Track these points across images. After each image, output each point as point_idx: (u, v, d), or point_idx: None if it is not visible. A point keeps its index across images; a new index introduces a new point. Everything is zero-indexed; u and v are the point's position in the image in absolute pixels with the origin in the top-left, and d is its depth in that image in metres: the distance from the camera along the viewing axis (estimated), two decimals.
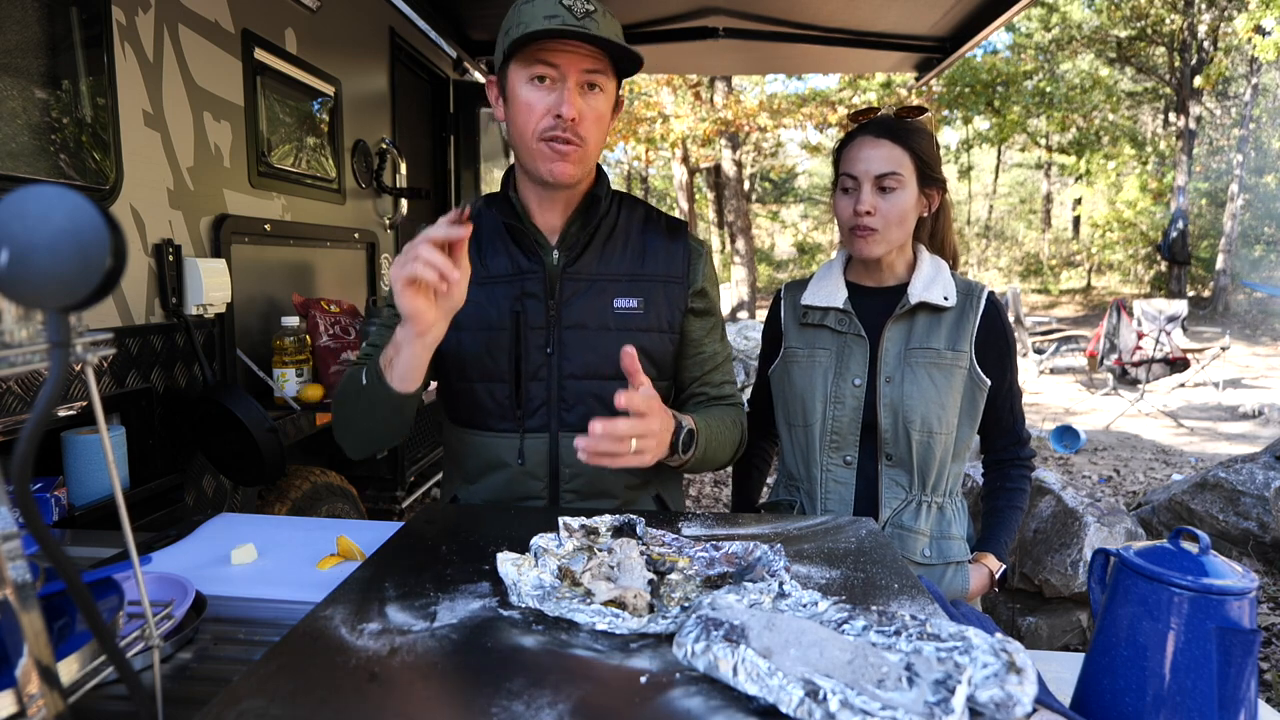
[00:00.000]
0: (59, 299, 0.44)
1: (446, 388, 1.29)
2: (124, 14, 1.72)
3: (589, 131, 1.14)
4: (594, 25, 1.08)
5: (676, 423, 1.11)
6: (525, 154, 1.16)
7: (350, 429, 1.18)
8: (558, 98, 1.10)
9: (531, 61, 1.10)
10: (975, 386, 1.40)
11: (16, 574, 0.45)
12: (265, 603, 0.98)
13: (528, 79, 1.12)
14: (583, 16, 1.08)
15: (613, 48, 1.10)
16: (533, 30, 1.06)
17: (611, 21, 1.14)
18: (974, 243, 22.55)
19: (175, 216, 1.91)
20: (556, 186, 1.18)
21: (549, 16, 1.07)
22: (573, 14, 1.08)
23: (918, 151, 1.36)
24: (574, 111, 1.10)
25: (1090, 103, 16.70)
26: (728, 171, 15.43)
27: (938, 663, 0.61)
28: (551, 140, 1.12)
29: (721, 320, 1.37)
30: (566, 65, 1.10)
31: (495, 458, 1.23)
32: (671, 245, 1.28)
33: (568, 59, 1.09)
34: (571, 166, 1.15)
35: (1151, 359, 7.71)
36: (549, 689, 0.63)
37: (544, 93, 1.11)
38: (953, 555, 1.40)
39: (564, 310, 1.22)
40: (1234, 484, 3.49)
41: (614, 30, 1.13)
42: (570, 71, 1.10)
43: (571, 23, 1.07)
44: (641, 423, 1.00)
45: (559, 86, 1.11)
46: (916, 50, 3.82)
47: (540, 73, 1.10)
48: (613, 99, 1.18)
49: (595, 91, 1.13)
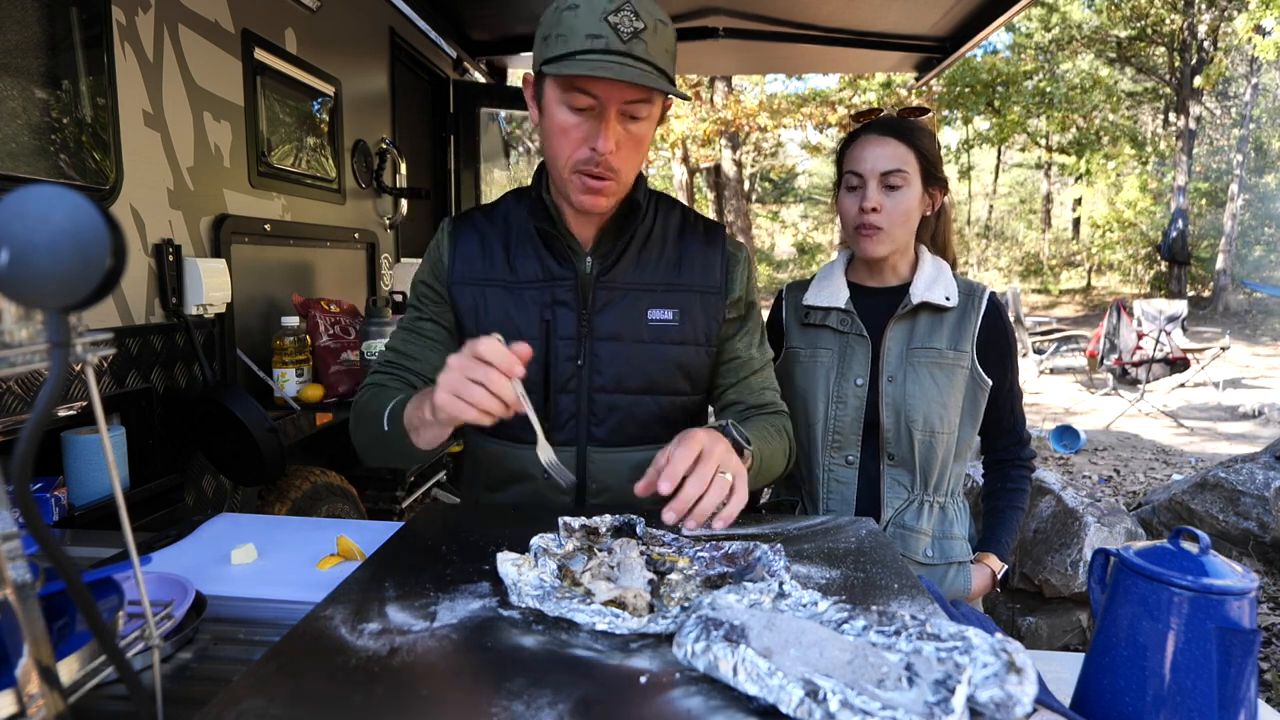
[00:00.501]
0: (59, 299, 0.44)
1: None
2: (124, 14, 1.72)
3: (625, 161, 1.07)
4: (641, 46, 0.98)
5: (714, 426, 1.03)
6: (558, 177, 1.10)
7: (370, 453, 1.16)
8: (594, 128, 1.03)
9: (569, 88, 1.01)
10: (977, 386, 1.41)
11: (16, 574, 0.45)
12: (265, 603, 0.98)
13: (564, 104, 1.03)
14: (630, 38, 0.98)
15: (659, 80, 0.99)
16: (571, 65, 0.97)
17: (663, 34, 1.02)
18: (974, 243, 22.55)
19: (175, 216, 1.91)
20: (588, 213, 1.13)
21: (592, 36, 0.97)
22: (619, 35, 0.97)
23: (922, 150, 1.37)
24: (611, 145, 1.03)
25: (1090, 103, 16.70)
26: (728, 171, 15.44)
27: (938, 663, 0.61)
28: (585, 174, 1.05)
29: (761, 323, 1.29)
30: (607, 96, 1.00)
31: (520, 469, 1.20)
32: (708, 251, 1.22)
33: (609, 90, 1.00)
34: (604, 200, 1.09)
35: (1151, 359, 7.72)
36: (549, 689, 0.62)
37: (580, 119, 1.03)
38: (955, 555, 1.40)
39: (596, 320, 1.16)
40: (1234, 484, 3.49)
41: (664, 44, 1.02)
42: (611, 102, 1.01)
43: (616, 46, 0.97)
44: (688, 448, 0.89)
45: (597, 116, 1.03)
46: (916, 50, 3.82)
47: (578, 103, 1.02)
48: (656, 119, 1.09)
49: (636, 120, 1.05)
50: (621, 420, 1.18)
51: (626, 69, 0.97)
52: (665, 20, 1.02)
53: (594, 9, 0.97)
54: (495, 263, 1.19)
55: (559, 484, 1.15)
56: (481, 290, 1.18)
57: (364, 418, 1.14)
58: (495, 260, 1.19)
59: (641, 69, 0.98)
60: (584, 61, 0.97)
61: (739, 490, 0.88)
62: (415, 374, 1.20)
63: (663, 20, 1.02)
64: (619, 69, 0.96)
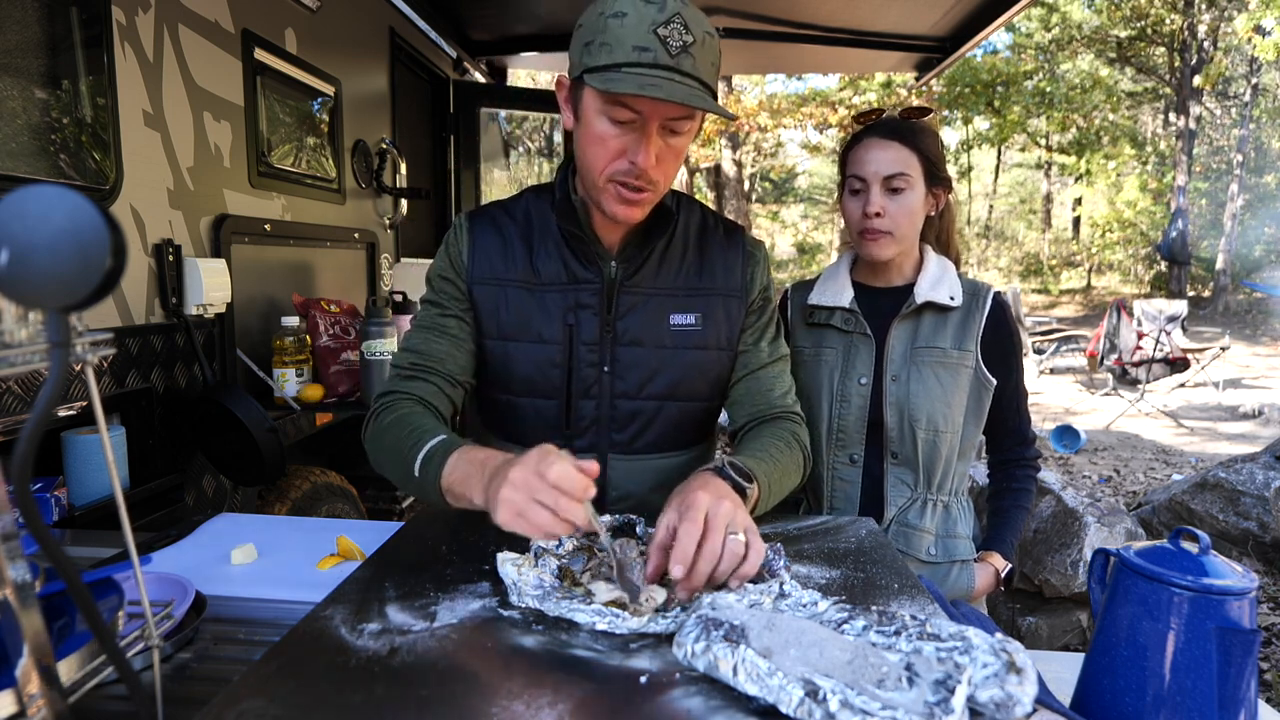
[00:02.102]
0: (59, 299, 0.44)
1: (488, 398, 1.21)
2: (124, 14, 1.72)
3: (664, 173, 1.04)
4: (689, 61, 0.95)
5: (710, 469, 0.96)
6: (591, 185, 1.06)
7: (386, 474, 1.08)
8: (635, 141, 0.99)
9: (612, 101, 0.97)
10: (981, 386, 1.41)
11: (16, 574, 0.45)
12: (265, 603, 0.98)
13: (605, 115, 0.99)
14: (679, 52, 0.94)
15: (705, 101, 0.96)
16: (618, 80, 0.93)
17: (710, 47, 0.98)
18: (974, 243, 22.54)
19: (175, 216, 1.91)
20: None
21: (639, 49, 0.93)
22: (667, 49, 0.93)
23: (925, 151, 1.36)
24: (651, 160, 1.00)
25: (1090, 103, 16.72)
26: (728, 171, 15.44)
27: (938, 663, 0.61)
28: (622, 185, 1.02)
29: (776, 319, 1.26)
30: (650, 112, 0.97)
31: None
32: (729, 253, 1.20)
33: (653, 105, 0.96)
34: (640, 211, 1.07)
35: (1151, 359, 7.72)
36: (549, 689, 0.62)
37: (620, 131, 1.00)
38: (958, 554, 1.40)
39: (619, 325, 1.14)
40: (1234, 484, 3.49)
41: (711, 58, 0.99)
42: (653, 117, 0.98)
43: (664, 61, 0.93)
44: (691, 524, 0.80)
45: (638, 130, 0.99)
46: (916, 50, 3.82)
47: (620, 116, 0.98)
48: (695, 131, 1.06)
49: (677, 135, 1.02)
50: (643, 426, 1.16)
51: (676, 87, 0.93)
52: (713, 32, 0.99)
53: (643, 19, 0.94)
54: (516, 262, 1.15)
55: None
56: (503, 290, 1.15)
57: (390, 448, 1.04)
58: (516, 259, 1.16)
59: (689, 86, 0.95)
60: (631, 76, 0.93)
61: (754, 545, 0.82)
62: (442, 375, 1.14)
63: (710, 33, 0.98)
64: (668, 87, 0.93)
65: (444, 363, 1.14)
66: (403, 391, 1.11)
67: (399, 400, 1.10)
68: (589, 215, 1.13)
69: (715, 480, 0.92)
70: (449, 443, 0.97)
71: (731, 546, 0.80)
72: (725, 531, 0.81)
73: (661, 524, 0.84)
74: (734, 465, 0.98)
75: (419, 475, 0.96)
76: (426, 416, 1.06)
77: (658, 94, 0.91)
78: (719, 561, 0.79)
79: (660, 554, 0.82)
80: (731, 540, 0.80)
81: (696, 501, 0.83)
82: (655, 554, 0.82)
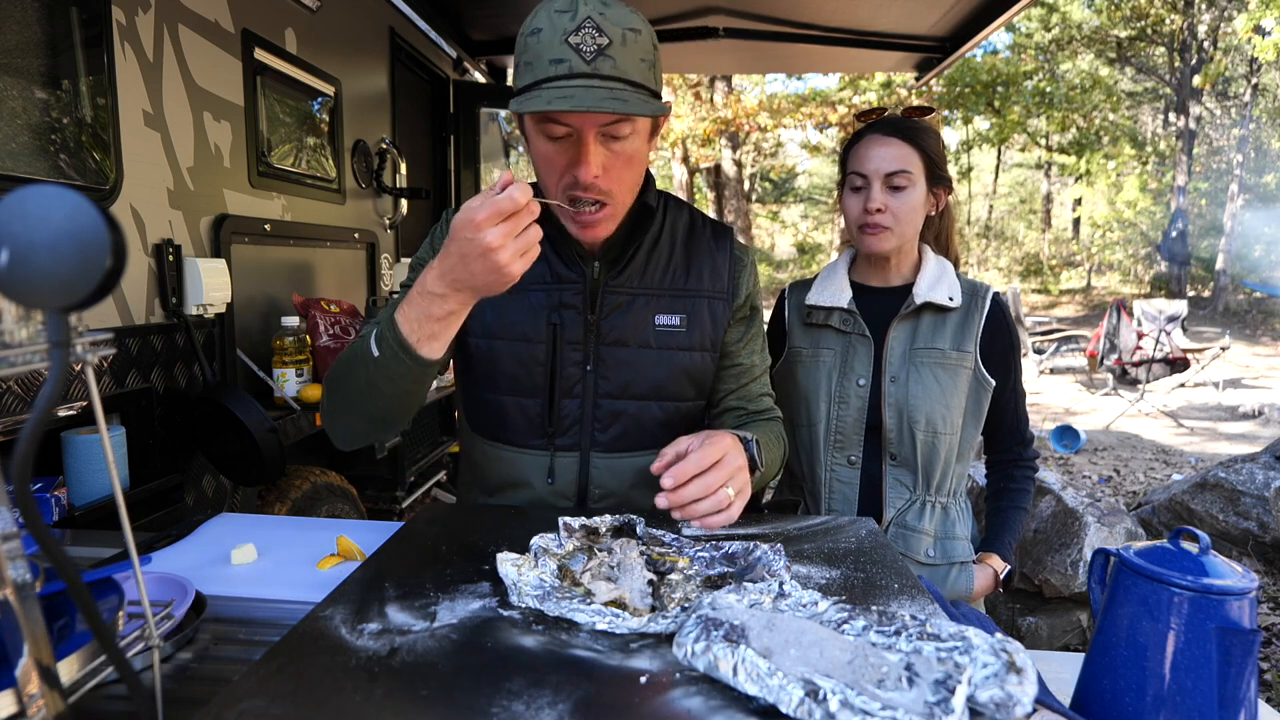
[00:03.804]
0: (59, 299, 0.44)
1: (472, 397, 1.22)
2: (124, 14, 1.72)
3: (617, 181, 1.02)
4: (608, 64, 0.92)
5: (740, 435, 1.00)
6: (555, 206, 1.06)
7: (351, 411, 1.05)
8: (575, 155, 0.99)
9: (542, 119, 0.97)
10: (980, 387, 1.41)
11: (16, 574, 0.45)
12: (265, 603, 0.98)
13: (540, 133, 0.99)
14: (594, 56, 0.92)
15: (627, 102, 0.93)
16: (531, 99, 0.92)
17: (635, 43, 0.95)
18: (974, 243, 22.54)
19: (175, 216, 1.91)
20: None
21: (555, 61, 0.93)
22: (581, 56, 0.92)
23: (926, 150, 1.36)
24: (593, 172, 0.98)
25: (1090, 103, 16.71)
26: (728, 171, 15.44)
27: (938, 663, 0.61)
28: (574, 200, 1.02)
29: (762, 328, 1.28)
30: (580, 123, 0.96)
31: (522, 475, 1.18)
32: (716, 256, 1.20)
33: (579, 117, 0.95)
34: (601, 229, 1.07)
35: (1151, 359, 7.72)
36: (549, 689, 0.62)
37: (560, 147, 0.99)
38: (957, 555, 1.40)
39: (603, 325, 1.15)
40: (1234, 484, 3.49)
41: (638, 54, 0.96)
42: (585, 128, 0.96)
43: (580, 69, 0.92)
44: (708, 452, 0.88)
45: (576, 143, 0.98)
46: (916, 50, 3.82)
47: (554, 133, 0.98)
48: (645, 132, 1.03)
49: (619, 139, 1.00)
50: (626, 426, 1.17)
51: (592, 92, 0.91)
52: (637, 27, 0.96)
53: (555, 30, 0.93)
54: None
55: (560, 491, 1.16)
56: None
57: (345, 369, 1.03)
58: None
59: (609, 89, 0.93)
60: (545, 92, 0.92)
61: (734, 507, 0.90)
62: None
63: (633, 28, 0.95)
64: (580, 95, 0.91)
65: None
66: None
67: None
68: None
69: (740, 444, 0.98)
70: (389, 312, 0.96)
71: (720, 495, 0.87)
72: (725, 479, 0.88)
73: (683, 440, 0.92)
74: (758, 446, 1.03)
75: (381, 353, 0.94)
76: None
77: (564, 106, 0.90)
78: (705, 498, 0.87)
79: (672, 455, 0.90)
80: (723, 491, 0.88)
81: (720, 442, 0.91)
82: (667, 453, 0.91)
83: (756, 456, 1.00)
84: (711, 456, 0.89)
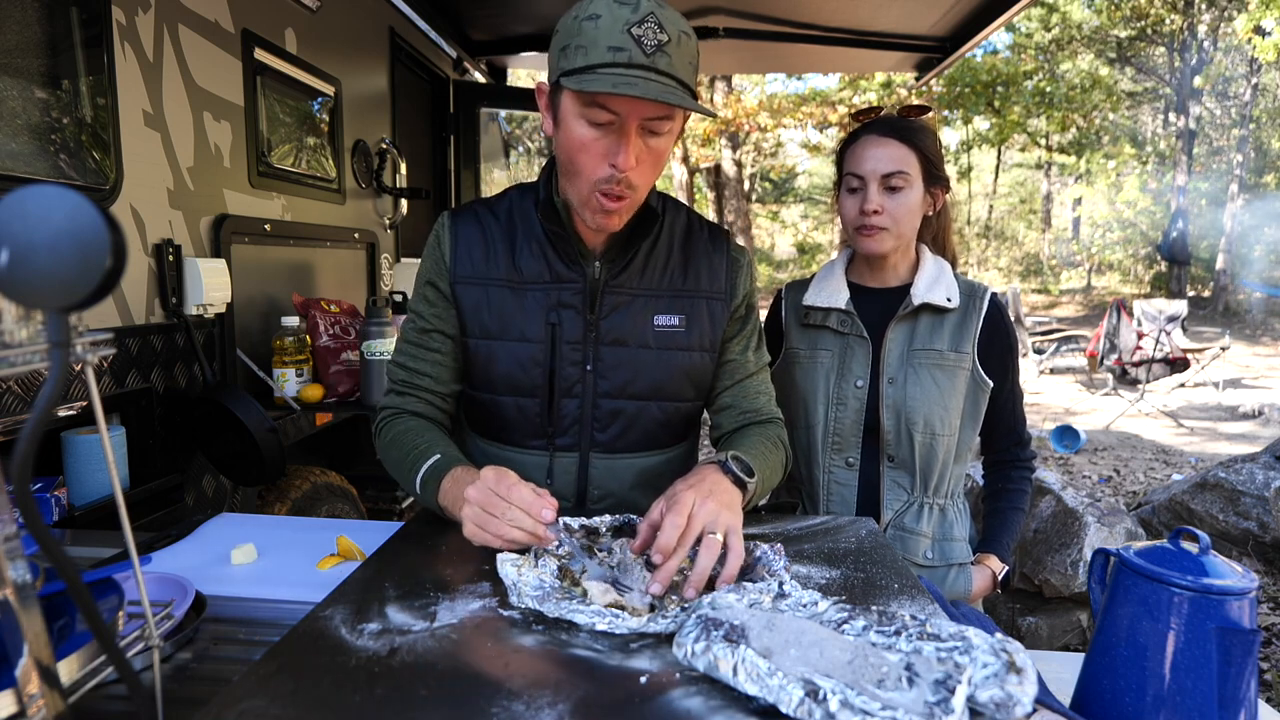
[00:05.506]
0: (59, 299, 0.44)
1: (472, 397, 1.22)
2: (124, 14, 1.72)
3: (644, 176, 1.04)
4: (665, 60, 0.94)
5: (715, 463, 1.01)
6: (574, 192, 1.07)
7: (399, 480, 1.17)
8: (614, 143, 0.99)
9: (589, 103, 0.97)
10: (978, 388, 1.40)
11: (16, 574, 0.45)
12: (265, 603, 0.98)
13: (583, 118, 0.99)
14: (653, 51, 0.93)
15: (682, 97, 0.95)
16: (592, 80, 0.93)
17: (686, 46, 0.97)
18: (974, 243, 22.54)
19: (175, 216, 1.91)
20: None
21: (614, 49, 0.93)
22: (642, 48, 0.93)
23: (923, 150, 1.36)
24: (631, 162, 0.99)
25: (1090, 103, 16.70)
26: (728, 171, 15.44)
27: (938, 663, 0.61)
28: (604, 193, 1.02)
29: (759, 327, 1.28)
30: (628, 112, 0.97)
31: (520, 475, 1.19)
32: (714, 257, 1.21)
33: (629, 105, 0.96)
34: (618, 219, 1.07)
35: (1151, 359, 7.71)
36: (549, 689, 0.62)
37: (599, 134, 0.99)
38: (955, 557, 1.40)
39: (603, 325, 1.15)
40: (1234, 484, 3.49)
41: (688, 56, 0.98)
42: (631, 118, 0.97)
43: (639, 60, 0.93)
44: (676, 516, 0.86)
45: (617, 132, 0.99)
46: (916, 50, 3.82)
47: (598, 119, 0.98)
48: (676, 133, 1.05)
49: (657, 136, 1.01)
50: (625, 426, 1.17)
51: (650, 85, 0.93)
52: (689, 32, 0.98)
53: (616, 19, 0.94)
54: (499, 260, 1.16)
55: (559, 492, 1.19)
56: (485, 289, 1.16)
57: (394, 466, 1.14)
58: (499, 257, 1.16)
59: (665, 84, 0.94)
60: (606, 76, 0.93)
61: (733, 547, 0.85)
62: (431, 392, 1.21)
63: (686, 32, 0.98)
64: (643, 85, 0.92)
65: (430, 379, 1.20)
66: (397, 407, 1.21)
67: (395, 417, 1.19)
68: (571, 216, 1.13)
69: (712, 476, 0.96)
70: (440, 466, 1.05)
71: (708, 544, 0.84)
72: (701, 531, 0.86)
73: (655, 507, 0.91)
74: (737, 459, 1.02)
75: (421, 494, 1.07)
76: (422, 432, 1.15)
77: (632, 91, 0.91)
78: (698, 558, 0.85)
79: (649, 531, 0.89)
80: (709, 539, 0.84)
81: (683, 499, 0.88)
82: (644, 530, 0.90)
83: (739, 473, 0.99)
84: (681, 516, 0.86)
